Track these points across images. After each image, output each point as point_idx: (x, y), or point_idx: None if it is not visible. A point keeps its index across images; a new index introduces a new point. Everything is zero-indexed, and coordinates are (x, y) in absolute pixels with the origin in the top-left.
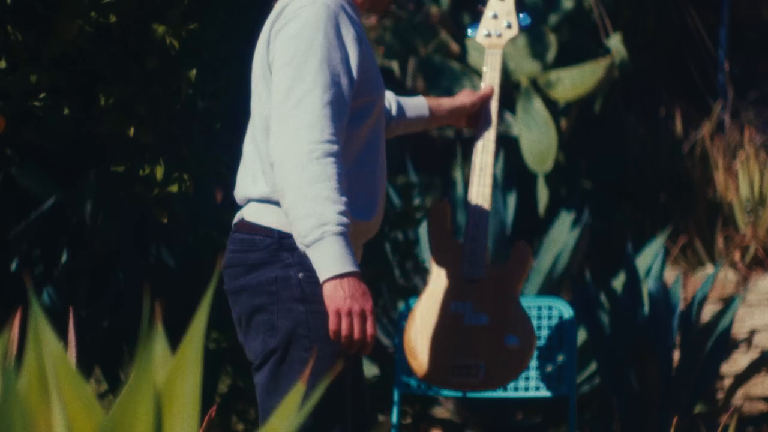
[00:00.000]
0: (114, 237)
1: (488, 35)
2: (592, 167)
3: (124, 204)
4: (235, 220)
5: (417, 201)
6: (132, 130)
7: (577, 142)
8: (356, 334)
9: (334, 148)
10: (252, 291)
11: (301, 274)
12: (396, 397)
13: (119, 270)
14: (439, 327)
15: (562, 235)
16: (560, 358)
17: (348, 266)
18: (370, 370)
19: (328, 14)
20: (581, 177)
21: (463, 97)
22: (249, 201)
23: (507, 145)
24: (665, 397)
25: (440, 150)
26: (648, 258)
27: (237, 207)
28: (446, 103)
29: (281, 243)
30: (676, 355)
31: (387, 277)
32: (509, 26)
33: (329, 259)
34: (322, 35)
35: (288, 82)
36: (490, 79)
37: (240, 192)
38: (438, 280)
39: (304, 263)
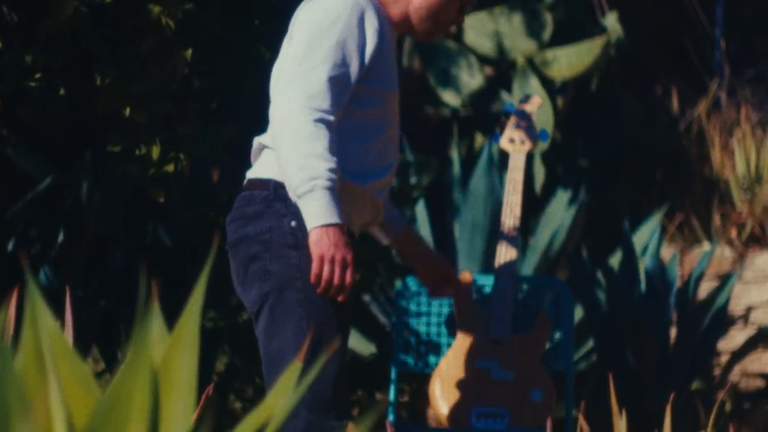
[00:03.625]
0: (110, 217)
1: (512, 141)
2: (588, 145)
3: (120, 184)
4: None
5: (413, 180)
6: (128, 110)
7: (574, 121)
8: (336, 279)
9: (330, 118)
10: (248, 242)
11: (293, 223)
12: (393, 375)
13: (116, 250)
14: (465, 378)
15: (559, 213)
16: (557, 335)
17: (334, 217)
18: (367, 348)
19: (354, 3)
20: (578, 155)
21: (444, 266)
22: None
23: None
24: (662, 373)
25: (436, 129)
26: (645, 235)
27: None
28: (425, 250)
29: (276, 194)
30: (673, 332)
31: (384, 256)
32: (530, 136)
33: (318, 209)
34: (345, 19)
35: (303, 51)
36: (513, 180)
37: (254, 152)
38: (464, 340)
39: (296, 213)
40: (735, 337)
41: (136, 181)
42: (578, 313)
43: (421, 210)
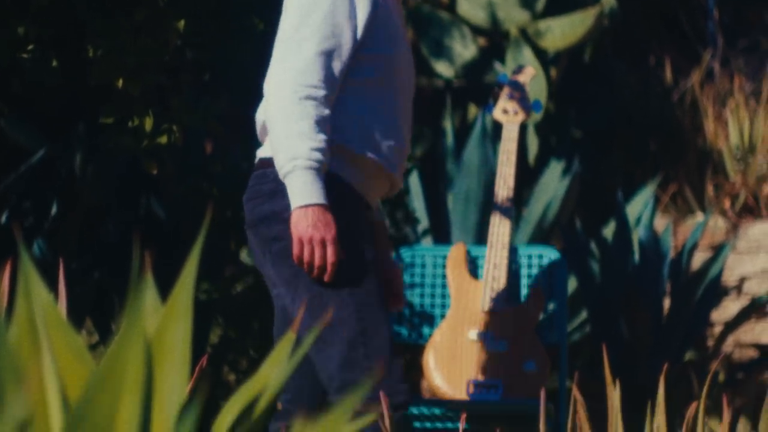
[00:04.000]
0: (104, 189)
1: (505, 112)
2: (581, 116)
3: (113, 156)
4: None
5: None
6: (120, 82)
7: (567, 92)
8: (316, 260)
9: (320, 93)
10: (268, 221)
11: None
12: None
13: (109, 222)
14: (459, 349)
15: (552, 184)
16: (551, 306)
17: (314, 197)
18: None
19: None
20: (571, 126)
21: (395, 276)
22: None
23: None
24: (656, 344)
25: (430, 100)
26: (638, 206)
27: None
28: (386, 253)
29: None
30: (667, 302)
31: None
32: (524, 107)
33: (297, 190)
34: None
35: (292, 27)
36: (507, 150)
37: (259, 130)
38: (457, 311)
39: None
40: (728, 308)
41: (129, 152)
42: (572, 284)
43: (414, 181)
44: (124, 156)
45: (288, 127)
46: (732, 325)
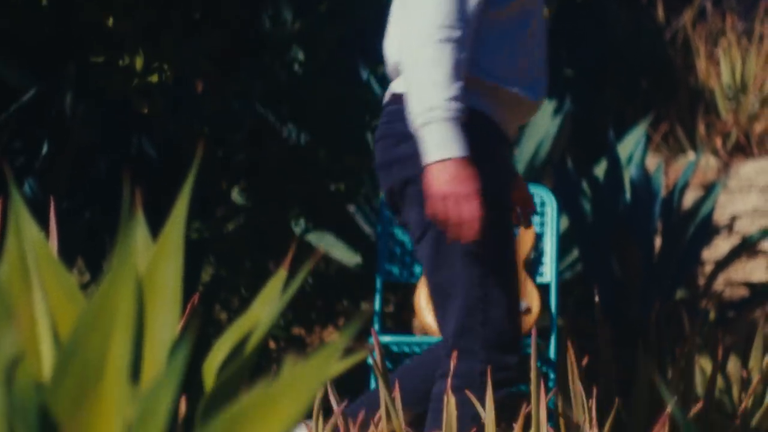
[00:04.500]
0: (95, 128)
1: None
2: (573, 55)
3: (104, 95)
4: (388, 92)
5: None
6: (111, 20)
7: (559, 30)
8: (453, 218)
9: (457, 33)
10: (402, 163)
11: None
12: (378, 284)
13: (100, 161)
14: None
15: (544, 123)
16: (542, 245)
17: (453, 151)
18: (352, 258)
19: None
20: (563, 65)
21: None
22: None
23: None
24: (647, 283)
25: None
26: (630, 145)
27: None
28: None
29: None
30: (658, 241)
31: (369, 165)
32: None
33: (434, 143)
34: None
35: None
36: None
37: (390, 61)
38: None
39: None
40: (719, 247)
41: (120, 91)
42: (563, 222)
43: None
44: (115, 95)
45: (424, 74)
46: (723, 264)
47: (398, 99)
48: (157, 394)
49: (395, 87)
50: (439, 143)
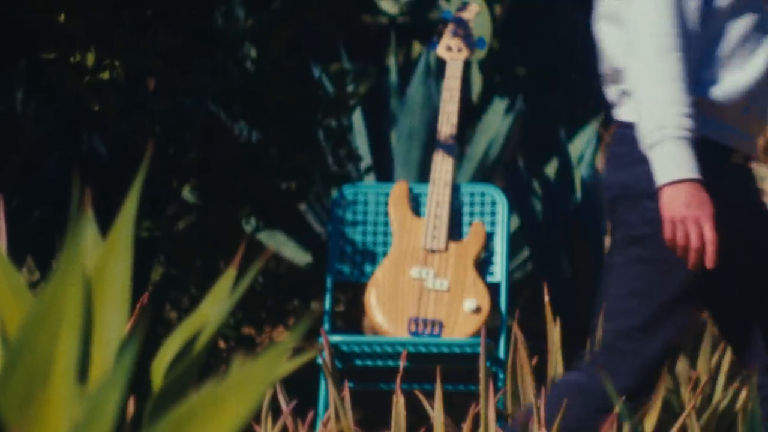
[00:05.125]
0: (45, 125)
1: (449, 49)
2: (525, 54)
3: (55, 92)
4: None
5: (350, 88)
6: (62, 17)
7: (511, 29)
8: (693, 242)
9: (681, 41)
10: (610, 187)
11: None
12: (329, 284)
13: (50, 159)
14: (401, 287)
15: (495, 122)
16: (493, 244)
17: (686, 172)
18: (303, 257)
19: None
20: (515, 64)
21: None
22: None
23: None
24: (597, 282)
25: (374, 37)
26: (580, 144)
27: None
28: None
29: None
30: (608, 241)
31: (320, 164)
32: (468, 44)
33: (667, 163)
34: None
35: None
36: (450, 88)
37: (609, 64)
38: (400, 248)
39: None
40: None
41: (71, 89)
42: (514, 222)
43: (357, 118)
44: (66, 92)
45: (655, 90)
46: None
47: (623, 124)
48: (104, 393)
49: (620, 113)
50: (671, 164)
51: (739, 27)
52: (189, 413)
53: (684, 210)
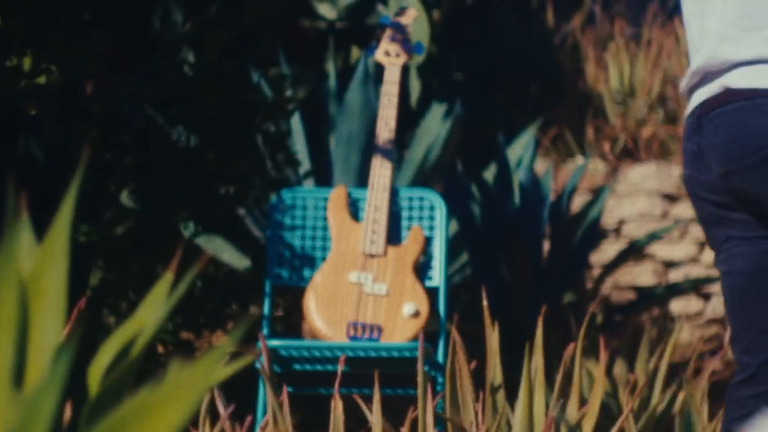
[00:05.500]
0: None
1: (387, 54)
2: (463, 59)
3: None
4: (706, 95)
5: (289, 92)
6: None
7: (449, 34)
8: None
9: None
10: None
11: None
12: (268, 288)
13: None
14: (339, 291)
15: (434, 127)
16: (431, 249)
17: None
18: (241, 261)
19: None
20: (453, 69)
21: None
22: (733, 67)
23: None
24: (535, 286)
25: (313, 42)
26: (519, 149)
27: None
28: None
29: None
30: (546, 245)
31: (259, 169)
32: (406, 49)
33: None
34: None
35: None
36: (389, 93)
37: (714, 60)
38: (338, 253)
39: None
40: (607, 251)
41: (7, 92)
42: (452, 226)
43: (296, 123)
44: (2, 96)
45: None
46: (610, 268)
47: (740, 94)
48: (40, 398)
49: (729, 82)
50: None
51: None
52: (125, 418)
53: None
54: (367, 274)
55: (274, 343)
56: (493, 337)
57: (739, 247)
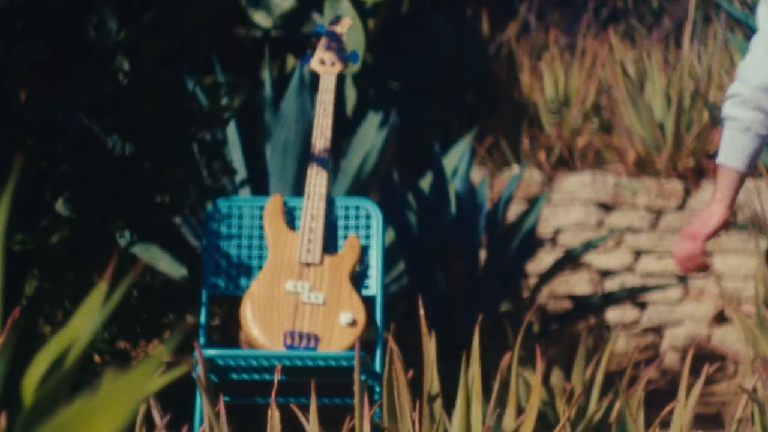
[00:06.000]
0: None
1: (323, 63)
2: (399, 68)
3: None
4: None
5: (225, 101)
6: None
7: (385, 43)
8: None
9: None
10: None
11: None
12: (204, 297)
13: None
14: (276, 300)
15: (370, 136)
16: (368, 258)
17: None
18: (177, 270)
19: None
20: (388, 78)
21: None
22: None
23: None
24: (471, 295)
25: (248, 50)
26: (455, 158)
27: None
28: None
29: None
30: (483, 254)
31: (195, 177)
32: (341, 57)
33: None
34: None
35: None
36: (324, 101)
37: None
38: (275, 262)
39: None
40: (543, 260)
41: None
42: (389, 235)
43: (232, 132)
44: None
45: None
46: (546, 277)
47: None
48: None
49: None
50: None
51: None
52: (61, 428)
53: None
54: (304, 283)
55: (211, 352)
56: (429, 347)
57: None
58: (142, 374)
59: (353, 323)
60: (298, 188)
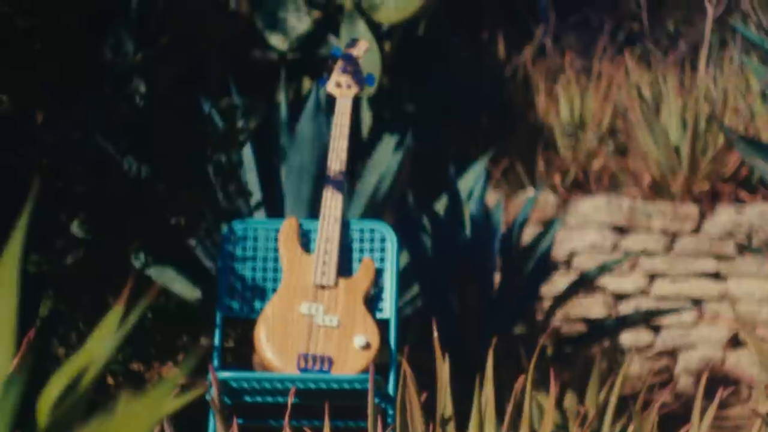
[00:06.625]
0: None
1: (339, 86)
2: (415, 91)
3: None
4: None
5: (240, 123)
6: None
7: (401, 66)
8: None
9: None
10: None
11: None
12: (218, 319)
13: None
14: (290, 323)
15: (385, 159)
16: (382, 281)
17: None
18: (192, 292)
19: None
20: (404, 100)
21: None
22: None
23: None
24: (485, 318)
25: (264, 73)
26: (470, 181)
27: None
28: None
29: None
30: (497, 277)
31: (210, 199)
32: (357, 80)
33: None
34: None
35: None
36: (340, 124)
37: None
38: (289, 285)
39: None
40: (557, 282)
41: None
42: (403, 258)
43: (247, 154)
44: None
45: None
46: (561, 300)
47: None
48: None
49: None
50: None
51: None
52: None
53: None
54: (318, 306)
55: (225, 374)
56: (443, 369)
57: None
58: (157, 396)
59: (367, 346)
60: (313, 211)
